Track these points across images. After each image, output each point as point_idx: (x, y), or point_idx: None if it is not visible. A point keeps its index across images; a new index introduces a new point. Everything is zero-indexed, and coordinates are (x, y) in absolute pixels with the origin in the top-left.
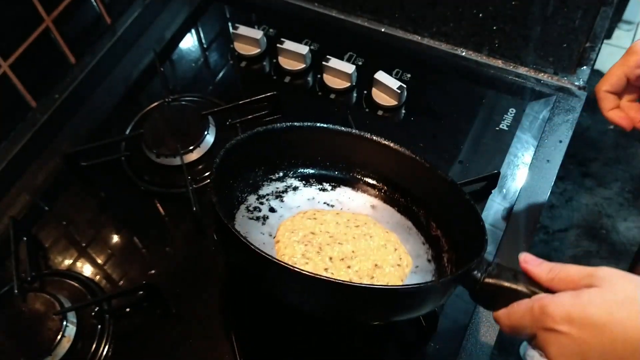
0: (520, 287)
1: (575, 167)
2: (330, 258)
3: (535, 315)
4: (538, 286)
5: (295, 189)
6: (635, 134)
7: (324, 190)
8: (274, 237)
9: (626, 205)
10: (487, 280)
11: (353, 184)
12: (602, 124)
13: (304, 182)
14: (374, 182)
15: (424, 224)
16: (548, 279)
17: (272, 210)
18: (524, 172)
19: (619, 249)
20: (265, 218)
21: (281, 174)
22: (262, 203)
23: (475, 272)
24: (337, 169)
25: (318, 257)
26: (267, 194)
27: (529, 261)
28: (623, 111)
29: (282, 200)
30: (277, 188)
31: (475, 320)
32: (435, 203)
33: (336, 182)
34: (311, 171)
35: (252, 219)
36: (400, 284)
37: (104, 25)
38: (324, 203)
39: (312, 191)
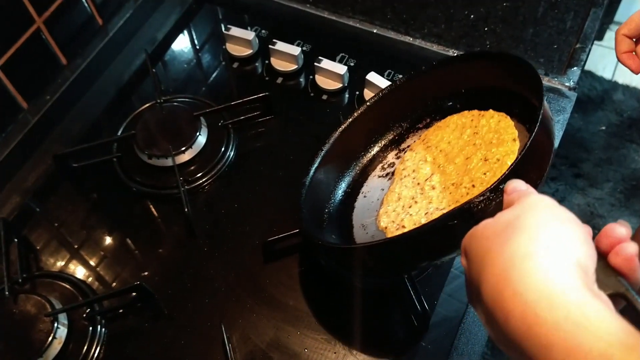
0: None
1: (567, 168)
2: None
3: None
4: None
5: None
6: (626, 135)
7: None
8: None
9: (618, 205)
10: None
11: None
12: (593, 125)
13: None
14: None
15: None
16: (506, 199)
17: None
18: None
19: None
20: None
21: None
22: (398, 157)
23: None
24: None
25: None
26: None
27: (507, 190)
28: (636, 57)
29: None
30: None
31: (467, 319)
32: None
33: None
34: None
35: (381, 176)
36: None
37: (95, 26)
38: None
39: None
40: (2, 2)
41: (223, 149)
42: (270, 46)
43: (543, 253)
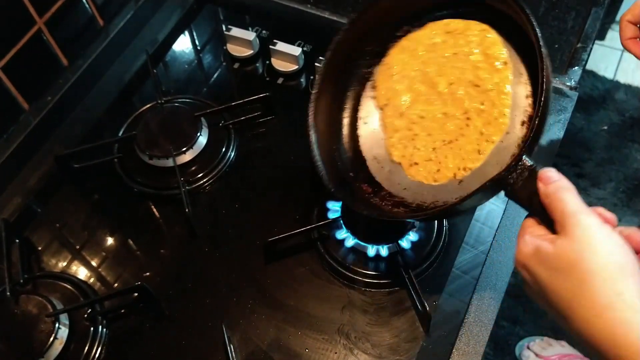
0: (531, 211)
1: (569, 168)
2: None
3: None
4: (542, 210)
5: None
6: (628, 134)
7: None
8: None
9: (620, 205)
10: (512, 189)
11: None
12: (595, 125)
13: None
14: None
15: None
16: (547, 200)
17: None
18: None
19: None
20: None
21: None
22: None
23: (509, 178)
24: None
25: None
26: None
27: (543, 179)
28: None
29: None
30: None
31: (468, 319)
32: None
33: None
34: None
35: (373, 97)
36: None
37: (96, 27)
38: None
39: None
40: (3, 3)
41: (224, 149)
42: (270, 46)
43: (620, 306)
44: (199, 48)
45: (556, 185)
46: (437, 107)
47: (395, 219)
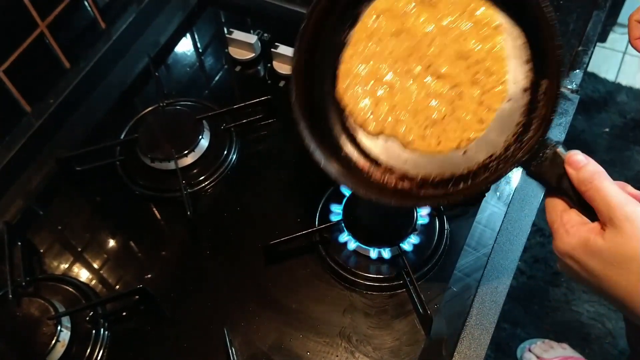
0: (564, 191)
1: None
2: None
3: (553, 232)
4: (575, 195)
5: None
6: (630, 136)
7: None
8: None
9: None
10: (535, 169)
11: None
12: (597, 127)
13: None
14: None
15: (537, 29)
16: (584, 188)
17: None
18: (518, 175)
19: None
20: None
21: None
22: None
23: (534, 160)
24: None
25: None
26: None
27: (572, 163)
28: None
29: None
30: None
31: (470, 322)
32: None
33: None
34: None
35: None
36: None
37: (98, 30)
38: None
39: None
40: (5, 6)
41: (225, 152)
42: (272, 49)
43: None
44: (200, 51)
45: (589, 170)
46: (415, 92)
47: (405, 206)
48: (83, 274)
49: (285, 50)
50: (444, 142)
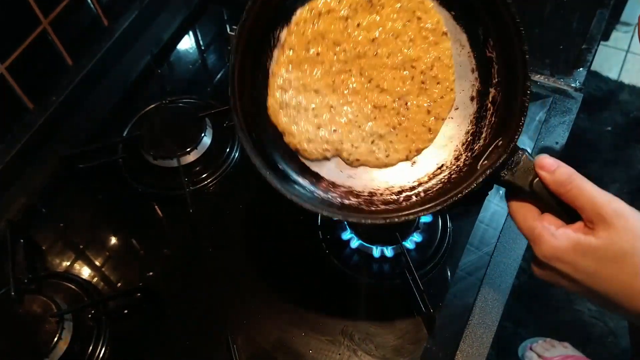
0: (534, 197)
1: (574, 169)
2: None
3: (533, 238)
4: (553, 198)
5: None
6: (633, 135)
7: None
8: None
9: None
10: (506, 178)
11: None
12: (599, 126)
13: None
14: None
15: (480, 39)
16: (563, 190)
17: None
18: None
19: None
20: None
21: None
22: None
23: (504, 170)
24: None
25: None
26: None
27: (544, 166)
28: None
29: None
30: None
31: (473, 321)
32: (493, 18)
33: None
34: None
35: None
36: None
37: (101, 27)
38: None
39: None
40: (8, 3)
41: (228, 149)
42: None
43: None
44: (203, 48)
45: (564, 172)
46: (356, 108)
47: (355, 222)
48: (85, 272)
49: None
50: (393, 155)
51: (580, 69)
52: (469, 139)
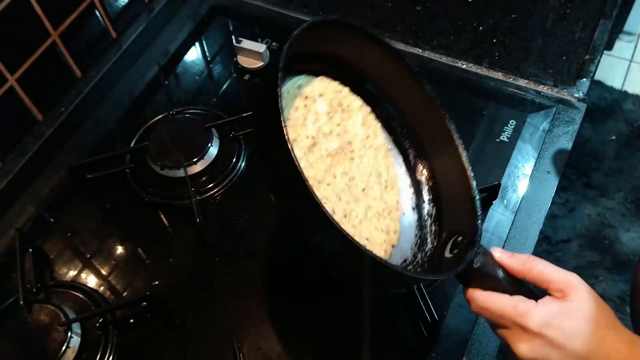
0: (504, 282)
1: (578, 178)
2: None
3: (519, 313)
4: (517, 283)
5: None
6: (637, 144)
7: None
8: None
9: (629, 215)
10: (476, 273)
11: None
12: (603, 135)
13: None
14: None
15: (411, 163)
16: (524, 270)
17: None
18: (525, 183)
19: (622, 259)
20: None
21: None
22: None
23: (472, 264)
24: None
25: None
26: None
27: (502, 254)
28: None
29: None
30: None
31: (477, 330)
32: (430, 143)
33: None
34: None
35: None
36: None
37: (109, 39)
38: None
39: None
40: (18, 16)
41: (234, 160)
42: None
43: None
44: (209, 59)
45: (522, 256)
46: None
47: None
48: (92, 281)
49: None
50: (373, 249)
51: (584, 79)
52: (418, 241)
